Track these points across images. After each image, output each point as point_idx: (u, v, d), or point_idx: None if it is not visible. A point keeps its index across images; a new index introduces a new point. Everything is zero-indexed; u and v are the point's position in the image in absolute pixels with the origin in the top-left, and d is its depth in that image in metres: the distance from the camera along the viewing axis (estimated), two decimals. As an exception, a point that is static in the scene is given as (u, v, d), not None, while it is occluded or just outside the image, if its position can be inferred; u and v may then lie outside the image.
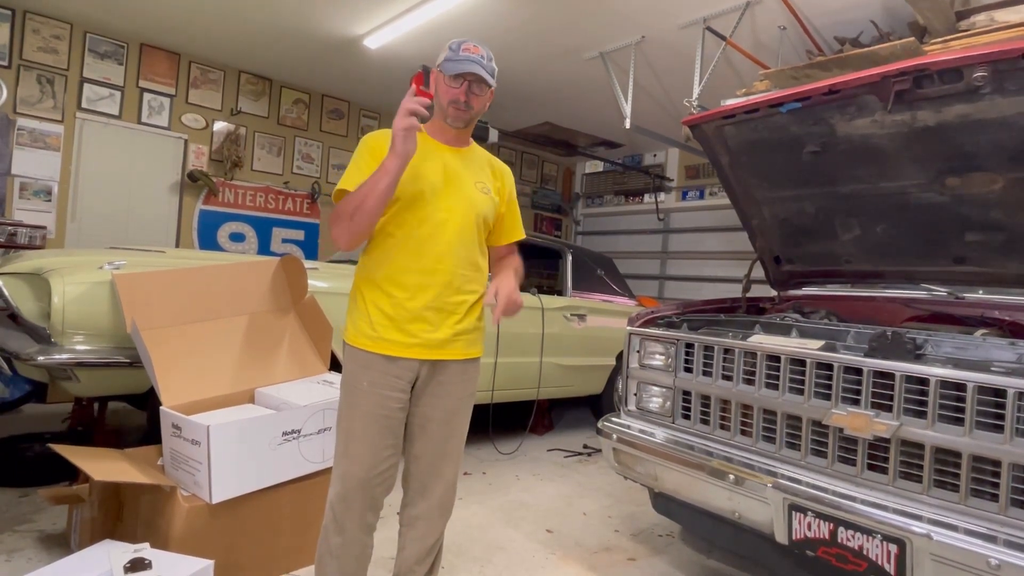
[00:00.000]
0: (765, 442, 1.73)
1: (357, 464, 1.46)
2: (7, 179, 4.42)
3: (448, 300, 1.49)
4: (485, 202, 1.56)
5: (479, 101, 1.53)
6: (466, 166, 1.57)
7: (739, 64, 4.15)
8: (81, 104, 4.72)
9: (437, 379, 1.53)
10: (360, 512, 1.49)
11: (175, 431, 1.86)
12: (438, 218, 1.49)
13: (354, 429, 1.47)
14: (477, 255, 1.56)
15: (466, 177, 1.55)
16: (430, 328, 1.48)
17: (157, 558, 1.52)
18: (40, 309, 2.23)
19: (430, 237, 1.48)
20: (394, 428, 1.50)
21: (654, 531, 2.58)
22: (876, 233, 2.26)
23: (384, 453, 1.48)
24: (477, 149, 1.66)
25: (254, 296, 2.29)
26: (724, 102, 2.44)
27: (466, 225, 1.52)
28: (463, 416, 1.61)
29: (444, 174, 1.52)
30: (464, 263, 1.52)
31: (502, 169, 1.69)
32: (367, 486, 1.47)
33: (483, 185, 1.58)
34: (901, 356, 1.50)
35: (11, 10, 4.39)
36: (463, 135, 1.60)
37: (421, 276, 1.47)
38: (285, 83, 5.79)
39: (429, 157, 1.51)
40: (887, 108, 1.80)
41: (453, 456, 1.60)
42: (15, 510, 2.29)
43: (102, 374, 2.21)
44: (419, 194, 1.48)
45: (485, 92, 1.53)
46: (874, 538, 1.41)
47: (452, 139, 1.58)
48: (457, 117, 1.52)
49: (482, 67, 1.48)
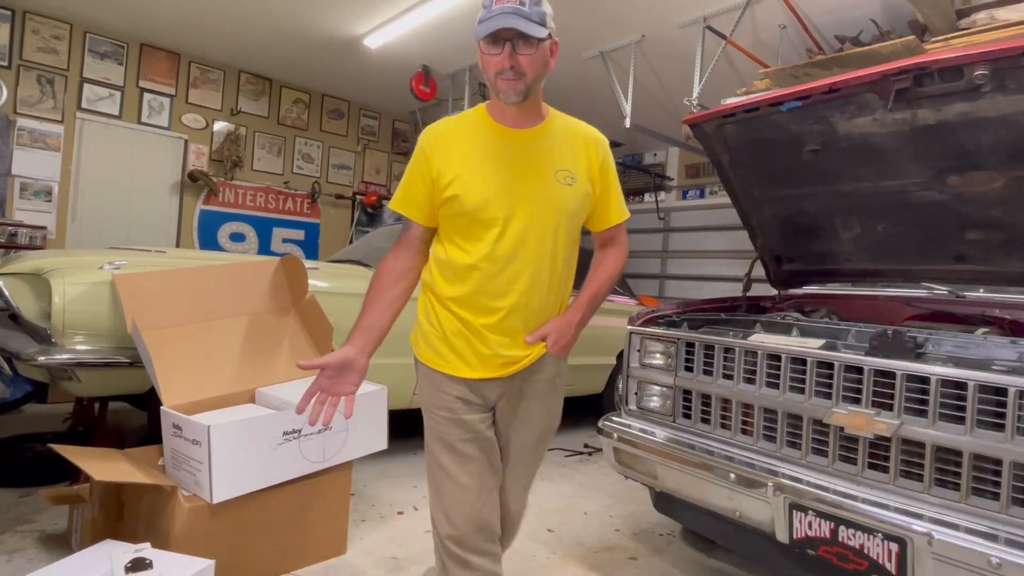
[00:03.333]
0: (766, 441, 1.73)
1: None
2: (7, 179, 4.42)
3: (519, 330, 1.31)
4: (571, 196, 1.28)
5: (531, 61, 1.18)
6: (543, 152, 1.28)
7: (739, 63, 4.15)
8: (81, 104, 4.72)
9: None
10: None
11: (176, 431, 1.86)
12: (516, 228, 1.25)
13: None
14: (566, 267, 1.33)
15: (544, 167, 1.27)
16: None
17: (158, 558, 1.52)
18: (41, 309, 2.23)
19: (507, 251, 1.26)
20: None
21: (655, 530, 2.58)
22: (877, 232, 2.26)
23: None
24: (555, 121, 1.32)
25: (254, 296, 2.29)
26: (724, 101, 2.43)
27: (549, 231, 1.27)
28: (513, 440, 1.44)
29: (512, 171, 1.26)
30: (553, 277, 1.30)
31: (591, 139, 1.33)
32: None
33: (567, 174, 1.28)
34: (902, 355, 1.49)
35: (11, 10, 4.39)
36: (530, 109, 1.28)
37: (495, 299, 1.28)
38: (285, 83, 5.79)
39: (492, 152, 1.27)
40: (887, 107, 1.79)
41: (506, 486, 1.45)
42: (16, 510, 2.29)
43: (103, 374, 2.21)
44: (484, 204, 1.24)
45: (536, 47, 1.17)
46: (875, 537, 1.41)
47: (518, 119, 1.28)
48: (510, 90, 1.19)
49: (521, 15, 1.13)
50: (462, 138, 1.30)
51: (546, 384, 1.40)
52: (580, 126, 1.36)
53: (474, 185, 1.25)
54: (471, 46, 4.64)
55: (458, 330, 1.31)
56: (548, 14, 1.20)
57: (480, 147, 1.27)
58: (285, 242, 5.91)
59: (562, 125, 1.33)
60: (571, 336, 1.34)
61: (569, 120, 1.36)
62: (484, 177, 1.26)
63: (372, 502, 2.66)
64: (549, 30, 1.20)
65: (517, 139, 1.29)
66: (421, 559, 2.16)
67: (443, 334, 1.33)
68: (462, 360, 1.31)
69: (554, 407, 1.46)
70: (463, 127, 1.32)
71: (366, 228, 6.27)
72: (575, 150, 1.31)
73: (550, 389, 1.41)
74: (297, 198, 5.96)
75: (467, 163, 1.27)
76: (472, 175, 1.25)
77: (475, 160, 1.26)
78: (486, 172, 1.26)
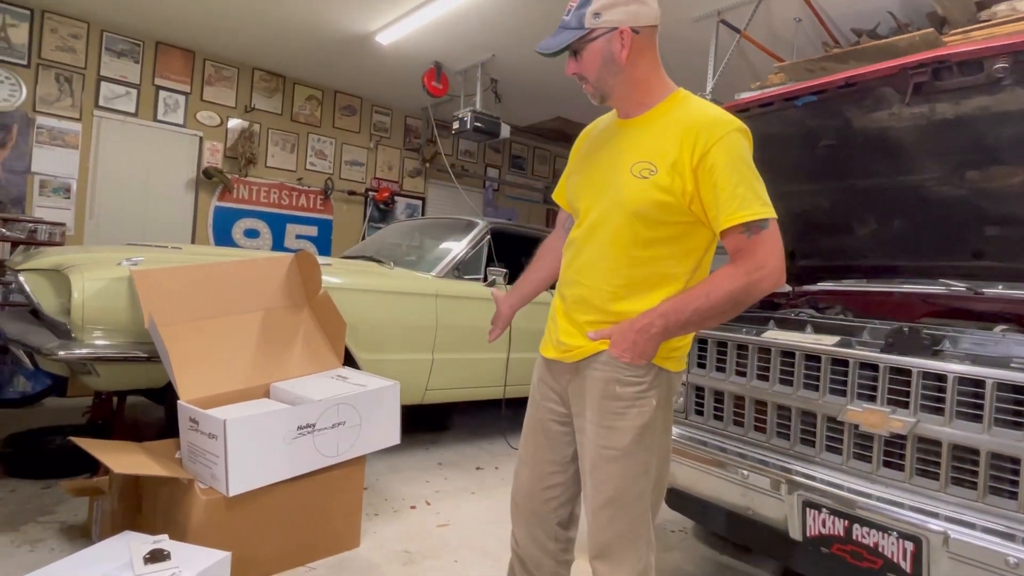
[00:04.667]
0: (779, 438, 1.72)
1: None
2: (27, 177, 4.49)
3: (578, 320, 1.29)
4: (641, 189, 1.17)
5: (586, 65, 1.21)
6: (629, 142, 1.24)
7: (753, 57, 4.11)
8: (98, 102, 4.78)
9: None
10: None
11: (192, 425, 1.89)
12: (588, 221, 1.28)
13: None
14: (635, 266, 1.22)
15: (623, 159, 1.23)
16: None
17: (176, 549, 1.55)
18: (60, 305, 2.27)
19: (575, 244, 1.31)
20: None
21: (667, 527, 2.58)
22: (893, 227, 2.23)
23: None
24: (669, 108, 1.23)
25: (269, 292, 2.32)
26: (738, 96, 2.41)
27: (610, 227, 1.22)
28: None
29: (598, 163, 1.29)
30: (613, 277, 1.23)
31: (700, 127, 1.15)
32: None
33: (645, 165, 1.18)
34: (918, 352, 1.48)
35: (30, 10, 4.45)
36: (629, 99, 1.25)
37: (567, 287, 1.33)
38: (298, 80, 5.82)
39: (597, 145, 1.34)
40: (905, 101, 1.77)
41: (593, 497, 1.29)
42: (38, 501, 2.33)
43: (121, 368, 2.25)
44: (575, 195, 1.34)
45: (588, 51, 1.19)
46: (890, 535, 1.40)
47: (624, 111, 1.29)
48: (590, 95, 1.26)
49: (560, 29, 1.20)
50: (593, 133, 1.40)
51: (600, 384, 1.24)
52: (696, 113, 1.18)
53: (577, 175, 1.36)
54: (482, 43, 4.66)
55: (552, 313, 1.40)
56: (591, 11, 1.17)
57: (596, 140, 1.35)
58: (298, 238, 5.95)
59: (676, 112, 1.21)
60: (632, 339, 1.18)
61: (692, 107, 1.21)
62: (583, 168, 1.35)
63: (385, 496, 2.69)
64: (595, 27, 1.17)
65: (620, 130, 1.29)
66: (435, 553, 2.18)
67: (549, 316, 1.43)
68: (548, 340, 1.40)
69: (607, 419, 1.23)
70: (602, 122, 1.40)
71: (378, 224, 6.29)
72: (668, 139, 1.17)
73: (604, 391, 1.24)
74: (310, 194, 6.00)
75: (583, 155, 1.37)
76: (580, 166, 1.36)
77: (588, 153, 1.35)
78: (586, 163, 1.34)
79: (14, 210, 4.38)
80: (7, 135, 4.38)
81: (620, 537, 1.24)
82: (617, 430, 1.22)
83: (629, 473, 1.22)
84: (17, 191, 4.44)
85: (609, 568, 1.25)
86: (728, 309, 1.15)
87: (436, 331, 3.08)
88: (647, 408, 1.22)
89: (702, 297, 1.15)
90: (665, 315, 1.16)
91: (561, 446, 1.36)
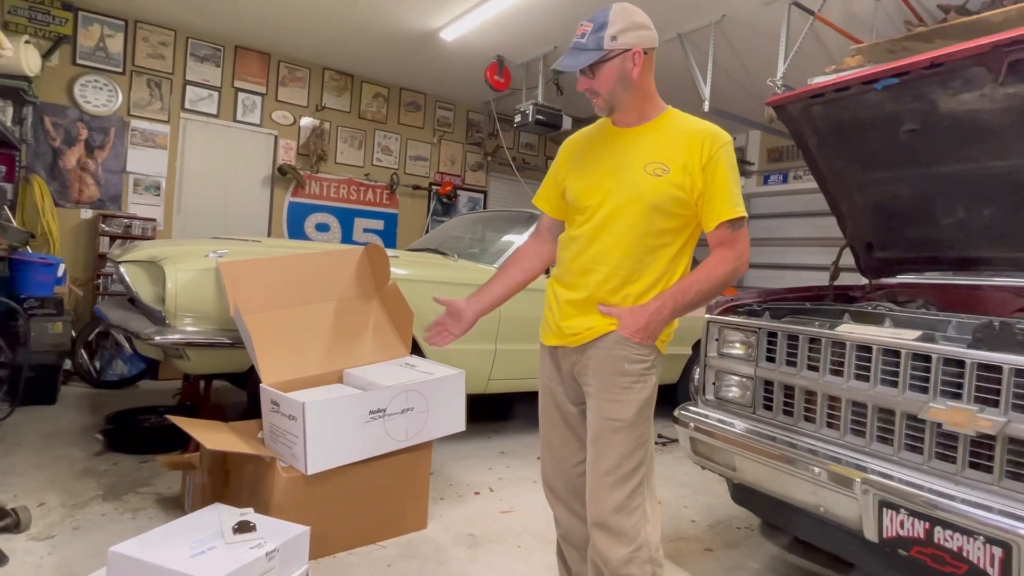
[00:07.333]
0: (854, 435, 1.66)
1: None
2: (123, 176, 4.86)
3: (588, 305, 1.43)
4: (657, 185, 1.35)
5: (600, 82, 1.36)
6: (638, 146, 1.40)
7: (828, 39, 3.92)
8: (184, 105, 5.10)
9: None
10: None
11: (274, 407, 2.01)
12: (600, 215, 1.40)
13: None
14: (645, 252, 1.39)
15: (635, 160, 1.38)
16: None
17: (260, 522, 1.66)
18: (155, 293, 2.45)
19: (582, 238, 1.43)
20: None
21: (732, 523, 2.54)
22: (983, 216, 2.09)
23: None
24: (667, 120, 1.43)
25: (342, 283, 2.42)
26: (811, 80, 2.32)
27: (627, 219, 1.37)
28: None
29: (606, 165, 1.43)
30: (625, 262, 1.38)
31: (701, 136, 1.36)
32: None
33: (658, 166, 1.35)
34: (1011, 348, 1.39)
35: (124, 20, 4.79)
36: (632, 112, 1.42)
37: (576, 276, 1.43)
38: (366, 78, 6.01)
39: (597, 150, 1.46)
40: (999, 80, 1.66)
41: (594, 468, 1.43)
42: (136, 474, 2.55)
43: (209, 353, 2.41)
44: (580, 194, 1.44)
45: (604, 70, 1.34)
46: (976, 540, 1.33)
47: (626, 121, 1.44)
48: (597, 107, 1.42)
49: (576, 49, 1.35)
50: (584, 142, 1.53)
51: (610, 361, 1.38)
52: (695, 125, 1.40)
53: (577, 178, 1.47)
54: (544, 35, 4.66)
55: (550, 304, 1.51)
56: (609, 35, 1.32)
57: (591, 147, 1.48)
58: (366, 232, 6.15)
59: (674, 123, 1.42)
60: (643, 321, 1.35)
61: (686, 120, 1.43)
62: (585, 171, 1.46)
63: (450, 481, 2.77)
64: (612, 49, 1.32)
65: (620, 137, 1.45)
66: (498, 538, 2.23)
67: (546, 307, 1.54)
68: (547, 328, 1.52)
69: (615, 392, 1.38)
70: (590, 133, 1.54)
71: (441, 218, 6.41)
72: (676, 145, 1.37)
73: (613, 368, 1.38)
74: (377, 189, 6.18)
75: (580, 161, 1.49)
76: (579, 171, 1.47)
77: (585, 159, 1.47)
78: (588, 167, 1.46)
79: (112, 207, 4.76)
80: (105, 138, 4.75)
81: (620, 507, 1.37)
82: (624, 403, 1.38)
83: (630, 443, 1.38)
84: (115, 189, 4.81)
85: (607, 538, 1.37)
86: (718, 290, 1.40)
87: (499, 322, 3.12)
88: (649, 384, 1.41)
89: (703, 280, 1.36)
90: (673, 297, 1.36)
91: (579, 424, 1.50)
